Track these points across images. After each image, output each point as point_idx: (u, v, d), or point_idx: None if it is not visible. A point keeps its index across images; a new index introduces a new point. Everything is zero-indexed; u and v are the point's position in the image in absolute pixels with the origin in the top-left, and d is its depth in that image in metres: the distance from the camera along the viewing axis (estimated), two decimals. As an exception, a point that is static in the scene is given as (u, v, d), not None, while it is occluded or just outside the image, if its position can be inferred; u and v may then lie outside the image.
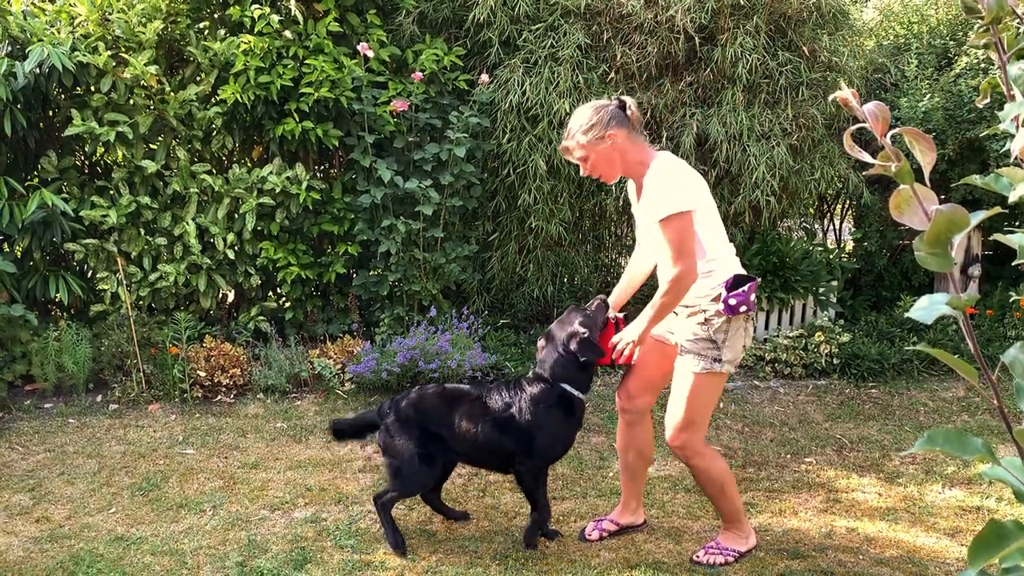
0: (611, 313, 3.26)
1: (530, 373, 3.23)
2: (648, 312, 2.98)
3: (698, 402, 2.99)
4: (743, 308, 2.91)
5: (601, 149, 2.92)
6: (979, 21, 1.14)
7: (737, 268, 3.00)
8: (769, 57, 5.26)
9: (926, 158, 0.96)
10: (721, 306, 2.90)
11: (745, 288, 2.90)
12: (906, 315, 1.02)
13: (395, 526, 3.23)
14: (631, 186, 3.14)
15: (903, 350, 5.54)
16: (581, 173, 3.06)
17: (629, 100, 2.98)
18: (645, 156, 2.96)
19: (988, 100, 1.24)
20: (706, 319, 2.94)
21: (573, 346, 3.10)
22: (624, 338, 3.06)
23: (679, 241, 2.83)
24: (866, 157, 0.99)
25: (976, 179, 1.14)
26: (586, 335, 3.10)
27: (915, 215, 0.92)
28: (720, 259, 2.96)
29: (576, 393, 3.15)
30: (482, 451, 3.18)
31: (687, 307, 3.00)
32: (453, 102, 5.35)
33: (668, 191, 2.84)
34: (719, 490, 3.12)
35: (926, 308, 0.94)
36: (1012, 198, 1.03)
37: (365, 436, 3.48)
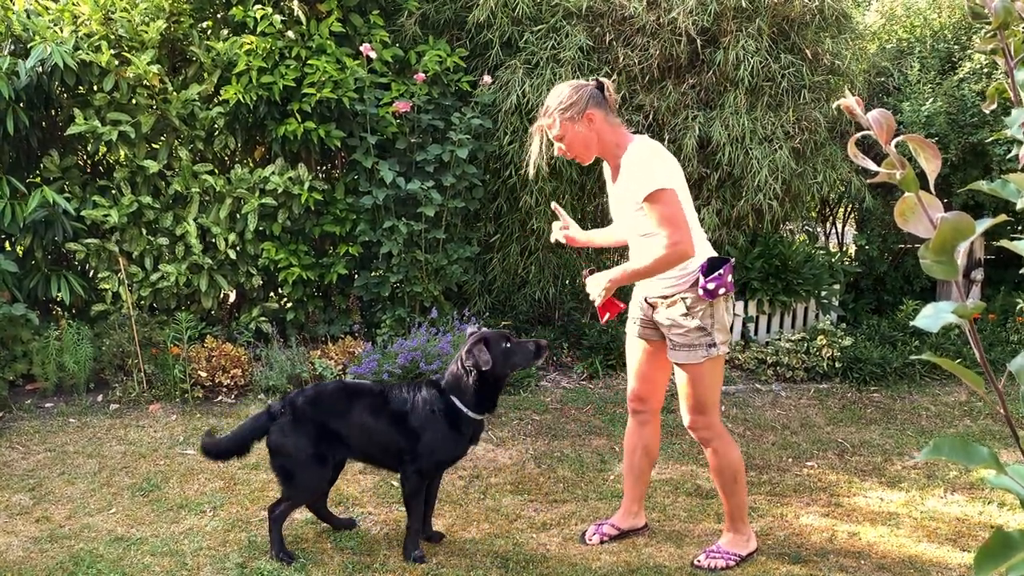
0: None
1: (434, 376, 3.27)
2: (628, 266, 2.94)
3: (704, 389, 3.02)
4: (722, 291, 2.91)
5: (578, 129, 2.92)
6: (986, 26, 1.14)
7: (709, 251, 3.02)
8: (771, 60, 5.26)
9: (930, 165, 0.95)
10: (700, 292, 2.90)
11: (721, 271, 2.91)
12: (911, 323, 1.01)
13: (283, 539, 3.16)
14: (606, 168, 3.14)
15: (906, 354, 5.53)
16: (555, 153, 3.05)
17: (607, 82, 2.98)
18: (621, 138, 2.97)
19: (995, 106, 1.23)
20: (688, 308, 2.94)
21: (466, 357, 3.08)
22: (596, 282, 2.98)
23: (671, 215, 2.81)
24: (870, 165, 0.99)
25: (982, 185, 1.13)
26: (480, 346, 3.07)
27: (920, 223, 0.92)
28: (695, 243, 2.96)
29: (464, 409, 3.10)
30: (376, 447, 3.17)
31: (665, 297, 3.00)
32: (455, 103, 5.35)
33: (651, 169, 2.84)
34: (731, 480, 3.12)
35: (931, 316, 0.94)
36: (1020, 204, 1.03)
37: (250, 450, 3.26)
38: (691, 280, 2.93)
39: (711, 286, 2.89)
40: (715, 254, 3.01)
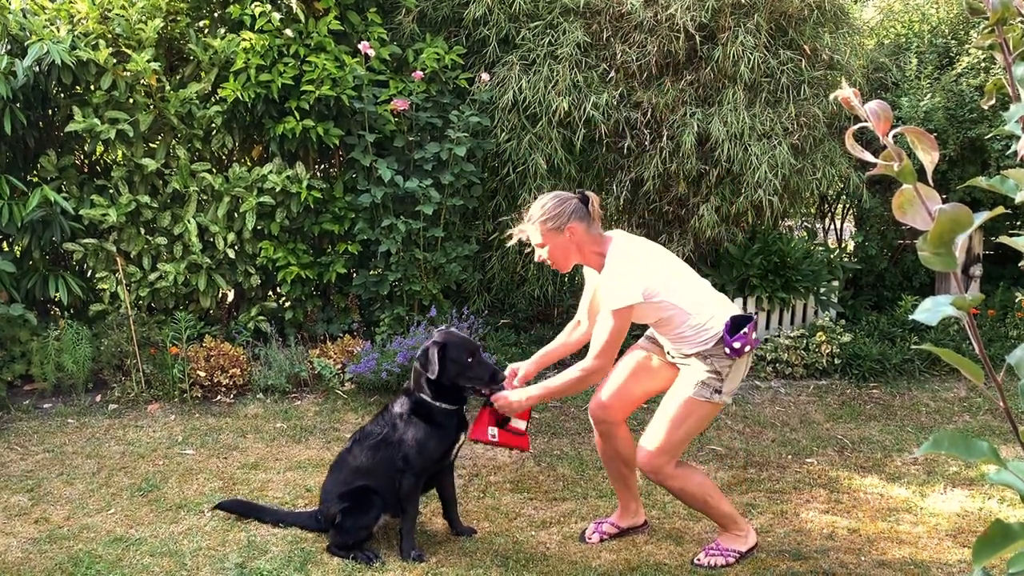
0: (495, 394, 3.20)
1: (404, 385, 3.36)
2: (545, 386, 3.06)
3: (685, 428, 3.01)
4: (747, 348, 2.95)
5: (559, 240, 2.99)
6: (984, 22, 1.13)
7: (731, 310, 3.03)
8: (770, 56, 5.25)
9: (928, 157, 0.95)
10: (727, 351, 2.93)
11: (745, 329, 2.94)
12: (910, 317, 1.01)
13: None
14: (589, 272, 3.21)
15: (905, 350, 5.53)
16: (536, 259, 3.13)
17: (591, 195, 3.04)
18: (602, 247, 3.03)
19: (993, 101, 1.22)
20: (707, 355, 2.98)
21: (419, 355, 3.17)
22: (509, 396, 3.09)
23: (611, 337, 2.91)
24: (868, 157, 0.98)
25: (981, 181, 1.12)
26: (433, 350, 3.11)
27: (918, 215, 0.91)
28: (707, 310, 2.98)
29: (434, 402, 3.16)
30: (391, 482, 3.19)
31: (687, 356, 3.03)
32: (453, 101, 5.34)
33: (616, 284, 2.92)
34: (703, 503, 3.13)
35: (930, 310, 0.93)
36: (1019, 199, 1.02)
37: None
38: (715, 340, 2.95)
39: (737, 345, 2.91)
40: (737, 311, 3.03)
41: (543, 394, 3.07)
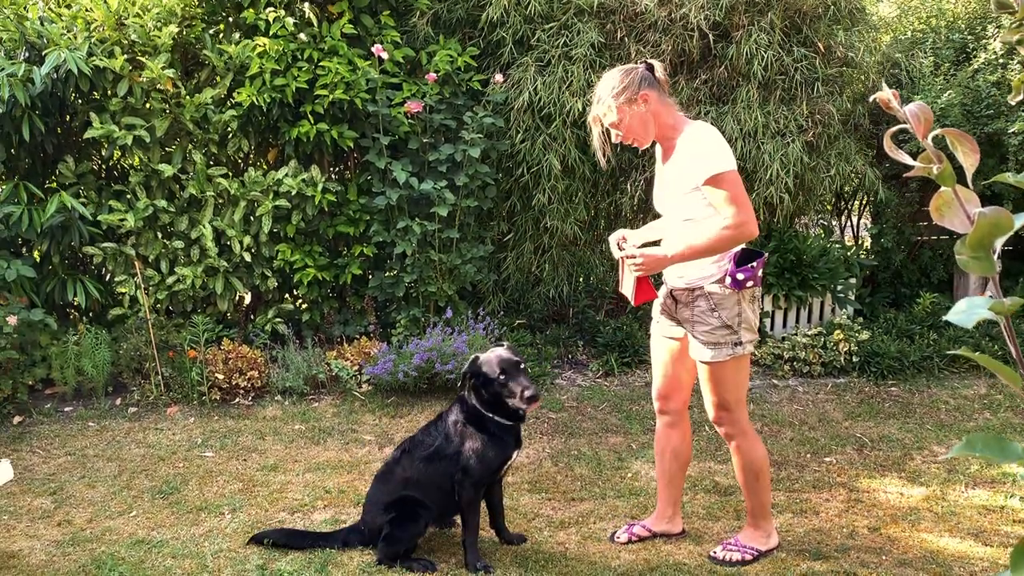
0: (625, 251, 3.10)
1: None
2: (689, 244, 2.85)
3: (728, 387, 2.99)
4: (750, 283, 2.88)
5: (636, 111, 2.87)
6: (1010, 17, 1.12)
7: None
8: (784, 53, 5.23)
9: (969, 160, 0.94)
10: (728, 280, 2.87)
11: (754, 264, 2.89)
12: (944, 319, 1.00)
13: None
14: (658, 150, 3.10)
15: (923, 347, 5.49)
16: (613, 140, 3.00)
17: (656, 63, 2.94)
18: (677, 120, 2.95)
19: (1021, 97, 1.21)
20: (715, 304, 2.91)
21: (500, 376, 3.04)
22: (651, 252, 2.92)
23: (736, 195, 2.79)
24: (907, 159, 0.98)
25: (1008, 177, 1.11)
26: (516, 362, 3.06)
27: (956, 218, 0.90)
28: None
29: (491, 415, 3.10)
30: (441, 493, 3.14)
31: (691, 290, 2.96)
32: (467, 103, 5.34)
33: (712, 151, 2.82)
34: (754, 478, 3.09)
35: (965, 311, 0.92)
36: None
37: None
38: (720, 274, 2.91)
39: (741, 276, 2.85)
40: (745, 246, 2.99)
41: (686, 252, 2.85)
